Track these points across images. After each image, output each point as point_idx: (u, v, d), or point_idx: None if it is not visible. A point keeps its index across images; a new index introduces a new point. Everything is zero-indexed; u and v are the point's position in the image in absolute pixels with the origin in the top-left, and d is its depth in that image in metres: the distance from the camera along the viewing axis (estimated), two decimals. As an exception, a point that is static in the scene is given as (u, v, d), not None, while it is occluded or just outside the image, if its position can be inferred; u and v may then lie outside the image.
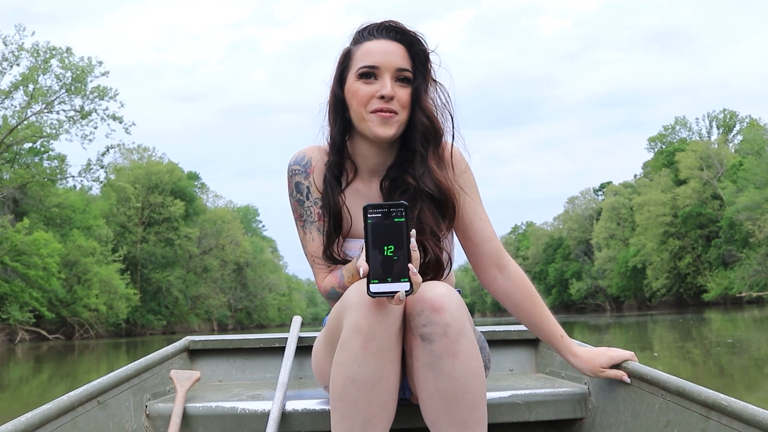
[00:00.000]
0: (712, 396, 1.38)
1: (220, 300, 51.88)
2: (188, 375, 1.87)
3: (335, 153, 1.60)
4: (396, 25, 1.55)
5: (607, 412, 1.70)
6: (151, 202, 45.52)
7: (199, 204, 51.85)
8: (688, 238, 50.18)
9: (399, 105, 1.52)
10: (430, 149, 1.55)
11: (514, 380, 2.01)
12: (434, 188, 1.53)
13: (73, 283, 34.92)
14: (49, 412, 1.45)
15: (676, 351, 8.65)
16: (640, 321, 22.38)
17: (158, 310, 45.56)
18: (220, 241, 51.49)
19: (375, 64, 1.52)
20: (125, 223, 44.54)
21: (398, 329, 1.34)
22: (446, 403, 1.32)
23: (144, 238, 45.55)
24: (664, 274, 51.18)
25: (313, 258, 1.62)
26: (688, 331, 14.22)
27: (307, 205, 1.62)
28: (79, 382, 1.68)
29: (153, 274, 45.21)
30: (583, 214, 68.97)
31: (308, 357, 2.02)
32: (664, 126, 59.75)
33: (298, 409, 1.65)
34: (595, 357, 1.65)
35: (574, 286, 66.02)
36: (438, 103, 1.57)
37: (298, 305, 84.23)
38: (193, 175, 55.95)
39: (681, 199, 49.55)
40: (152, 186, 45.44)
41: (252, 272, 61.04)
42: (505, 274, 1.65)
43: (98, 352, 18.62)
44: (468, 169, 1.64)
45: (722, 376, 5.69)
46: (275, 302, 64.38)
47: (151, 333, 44.59)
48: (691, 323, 18.03)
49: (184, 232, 46.60)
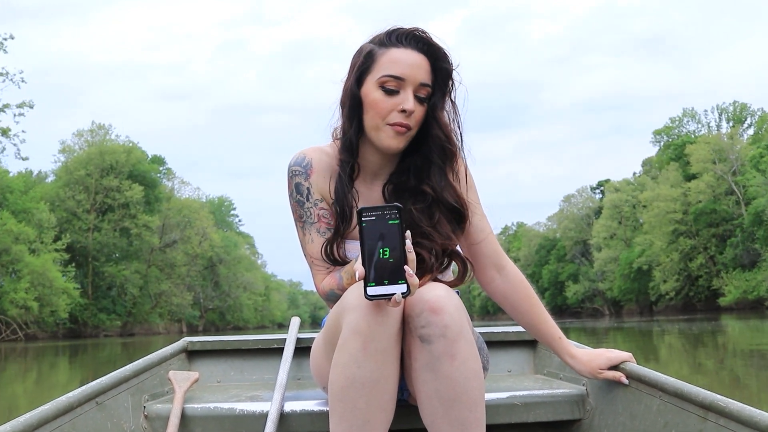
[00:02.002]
0: (710, 397, 1.41)
1: (185, 298, 46.64)
2: (186, 376, 1.89)
3: (348, 153, 1.60)
4: (424, 35, 1.55)
5: (605, 413, 1.73)
6: (105, 186, 40.12)
7: (162, 191, 46.51)
8: (701, 237, 46.77)
9: (414, 120, 1.54)
10: (447, 164, 1.59)
11: (513, 381, 2.04)
12: (454, 200, 1.58)
13: (1, 273, 29.75)
14: (47, 412, 1.46)
15: (711, 368, 7.08)
16: (643, 327, 20.17)
17: (112, 308, 40.43)
18: (186, 232, 46.27)
19: (401, 76, 1.52)
20: (74, 208, 39.16)
21: (397, 330, 1.35)
22: (445, 404, 1.34)
23: (96, 226, 40.25)
24: (674, 276, 47.86)
25: (312, 259, 1.63)
26: (711, 339, 12.34)
27: (307, 206, 1.63)
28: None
29: (106, 268, 39.89)
30: (579, 213, 66.86)
31: (307, 358, 2.01)
32: (670, 118, 57.53)
33: (297, 410, 1.68)
34: (593, 358, 1.68)
35: (570, 289, 63.97)
36: (450, 118, 1.59)
37: (277, 306, 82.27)
38: (158, 159, 50.77)
39: (693, 195, 46.68)
40: (106, 168, 40.11)
41: (225, 269, 57.58)
42: (503, 275, 1.68)
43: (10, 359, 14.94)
44: (469, 172, 1.68)
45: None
46: (250, 302, 60.80)
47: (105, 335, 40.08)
48: (710, 330, 15.87)
49: (142, 221, 41.53)
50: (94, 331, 39.19)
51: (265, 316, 72.81)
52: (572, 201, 69.28)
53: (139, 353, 6.10)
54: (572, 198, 69.50)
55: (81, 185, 39.55)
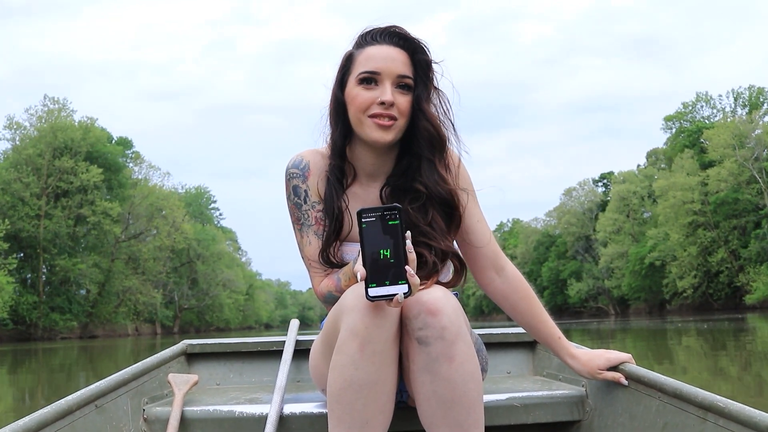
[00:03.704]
0: (709, 398, 1.41)
1: (153, 296, 41.94)
2: (186, 379, 1.90)
3: (337, 156, 1.62)
4: (400, 31, 1.57)
5: (604, 414, 1.74)
6: (59, 168, 35.36)
7: (127, 175, 41.66)
8: (721, 230, 43.00)
9: (398, 111, 1.54)
10: (436, 156, 1.59)
11: (512, 383, 2.05)
12: (446, 195, 1.57)
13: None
14: (46, 416, 1.47)
15: (734, 374, 6.03)
16: (656, 327, 18.26)
17: (67, 307, 35.68)
18: (154, 222, 41.58)
19: (376, 70, 1.53)
20: (21, 192, 34.41)
21: (395, 332, 1.37)
22: (443, 406, 1.35)
23: (47, 213, 35.40)
24: (692, 271, 43.81)
25: (309, 261, 1.64)
26: (734, 341, 10.84)
27: (305, 208, 1.65)
28: None
29: (59, 261, 35.11)
30: (580, 208, 63.59)
31: (306, 360, 2.01)
32: (683, 103, 54.08)
33: (296, 413, 1.69)
34: (592, 359, 1.69)
35: (573, 288, 60.56)
36: (440, 111, 1.60)
37: (263, 306, 77.91)
38: (125, 142, 45.95)
39: (713, 183, 42.62)
40: (60, 147, 35.33)
41: (203, 265, 53.12)
42: (502, 276, 1.68)
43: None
44: (467, 172, 1.68)
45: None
46: (230, 301, 56.35)
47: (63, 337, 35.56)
48: (732, 331, 14.11)
49: (101, 208, 36.55)
50: (47, 334, 34.67)
51: (248, 316, 68.70)
52: (573, 195, 65.78)
53: (94, 359, 6.65)
54: (573, 192, 65.98)
55: (30, 166, 34.85)
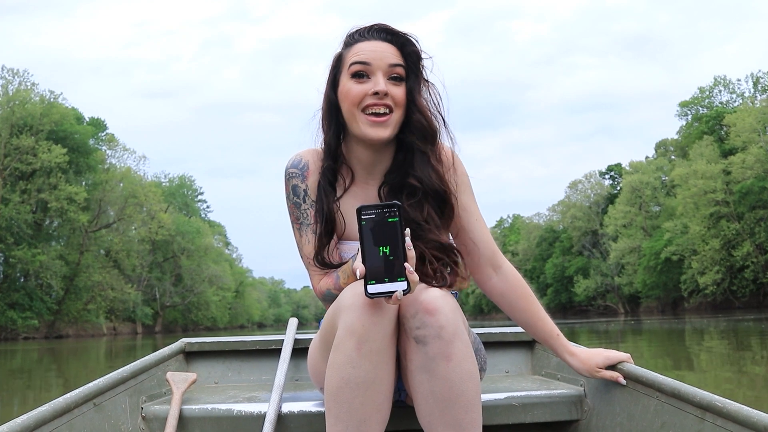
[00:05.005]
0: (707, 398, 1.41)
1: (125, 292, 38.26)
2: (184, 377, 1.90)
3: (330, 158, 1.62)
4: (386, 27, 1.58)
5: (602, 413, 1.74)
6: (17, 147, 31.70)
7: (98, 159, 37.91)
8: (745, 221, 39.57)
9: (394, 102, 1.54)
10: (428, 148, 1.58)
11: (510, 382, 2.05)
12: (439, 188, 1.56)
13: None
14: (44, 414, 1.47)
15: (762, 378, 5.53)
16: (673, 326, 17.19)
17: (28, 304, 32.03)
18: (127, 210, 37.90)
19: (366, 61, 1.53)
20: (-29, 174, 30.84)
21: (392, 331, 1.37)
22: (440, 405, 1.35)
23: (3, 197, 31.73)
24: (714, 266, 40.32)
25: (308, 260, 1.65)
26: (762, 343, 9.90)
27: (304, 208, 1.65)
28: None
29: (16, 252, 31.47)
30: (586, 202, 60.83)
31: (304, 359, 1.99)
32: (699, 88, 50.74)
33: (294, 411, 1.69)
34: (591, 357, 1.69)
35: (580, 285, 57.08)
36: (431, 104, 1.60)
37: (255, 305, 74.33)
38: (98, 122, 42.14)
39: (737, 171, 39.13)
40: (18, 124, 31.67)
41: (188, 260, 49.50)
42: (500, 273, 1.68)
43: None
44: (464, 169, 1.68)
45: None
46: (217, 298, 52.81)
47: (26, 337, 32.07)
48: (759, 331, 12.93)
49: (65, 193, 32.79)
50: (5, 334, 31.04)
51: (238, 315, 65.11)
52: (579, 188, 62.42)
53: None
54: (579, 184, 62.62)
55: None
